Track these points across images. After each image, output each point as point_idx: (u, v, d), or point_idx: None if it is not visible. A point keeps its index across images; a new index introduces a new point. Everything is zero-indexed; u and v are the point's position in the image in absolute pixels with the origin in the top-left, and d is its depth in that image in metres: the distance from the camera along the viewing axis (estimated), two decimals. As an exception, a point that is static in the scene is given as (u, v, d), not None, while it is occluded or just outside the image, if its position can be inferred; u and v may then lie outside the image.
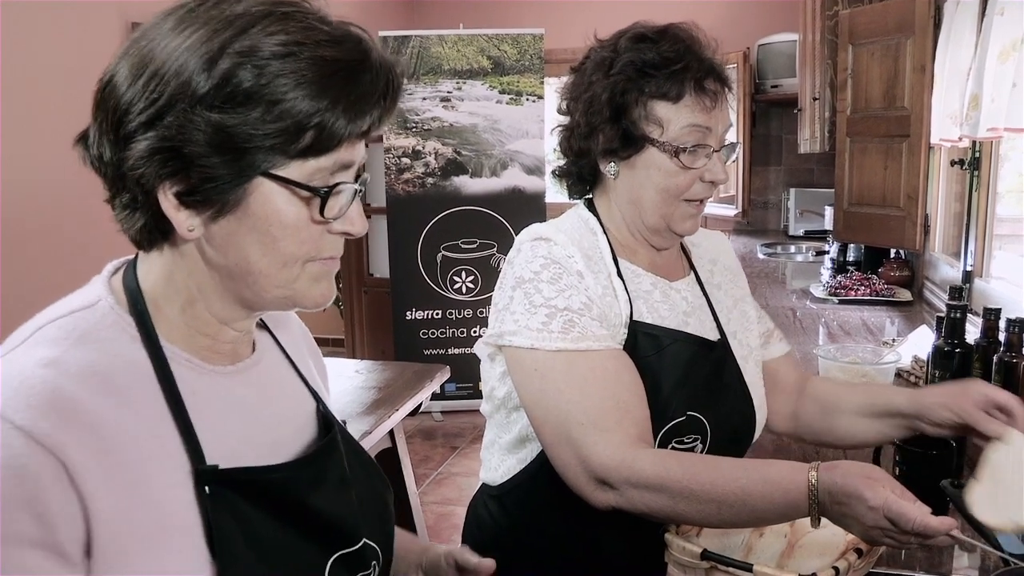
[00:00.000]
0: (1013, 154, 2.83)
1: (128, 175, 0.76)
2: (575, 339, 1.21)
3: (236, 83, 0.73)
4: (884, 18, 3.34)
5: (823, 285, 3.47)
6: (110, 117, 0.77)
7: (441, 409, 4.76)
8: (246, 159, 0.75)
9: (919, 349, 2.27)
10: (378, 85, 0.78)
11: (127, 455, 0.74)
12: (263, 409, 0.89)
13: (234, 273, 0.80)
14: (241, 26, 0.74)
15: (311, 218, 0.79)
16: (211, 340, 0.85)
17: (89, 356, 0.75)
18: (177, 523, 0.76)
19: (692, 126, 1.25)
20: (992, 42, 2.46)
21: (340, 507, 0.89)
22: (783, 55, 5.10)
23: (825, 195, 4.64)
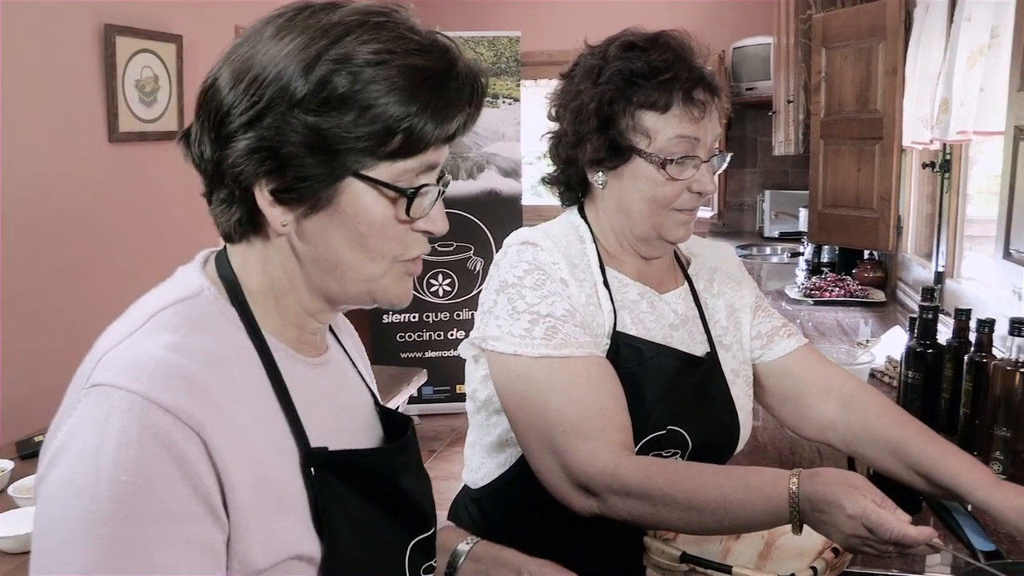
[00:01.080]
0: (982, 157, 2.87)
1: (227, 172, 0.81)
2: (558, 345, 1.20)
3: (331, 88, 0.77)
4: (856, 22, 3.38)
5: (798, 286, 3.50)
6: (212, 117, 0.81)
7: (419, 412, 4.75)
8: (338, 160, 0.79)
9: (893, 349, 2.29)
10: (464, 92, 0.83)
11: (249, 435, 0.78)
12: (342, 400, 0.95)
13: (323, 267, 0.85)
14: (336, 35, 0.79)
15: (396, 217, 0.83)
16: (299, 331, 0.90)
17: (205, 342, 0.79)
18: (291, 499, 0.81)
19: (680, 137, 1.24)
20: (960, 47, 2.49)
21: (421, 493, 0.96)
22: (758, 58, 5.14)
23: (800, 197, 4.68)
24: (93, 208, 3.37)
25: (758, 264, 4.55)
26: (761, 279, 4.04)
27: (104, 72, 3.41)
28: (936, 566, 1.30)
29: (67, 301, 3.19)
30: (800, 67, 3.99)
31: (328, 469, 0.84)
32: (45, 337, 3.03)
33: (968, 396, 1.68)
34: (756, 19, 5.32)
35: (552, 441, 1.18)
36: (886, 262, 3.61)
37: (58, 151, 3.19)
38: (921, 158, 3.17)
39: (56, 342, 3.01)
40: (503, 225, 4.70)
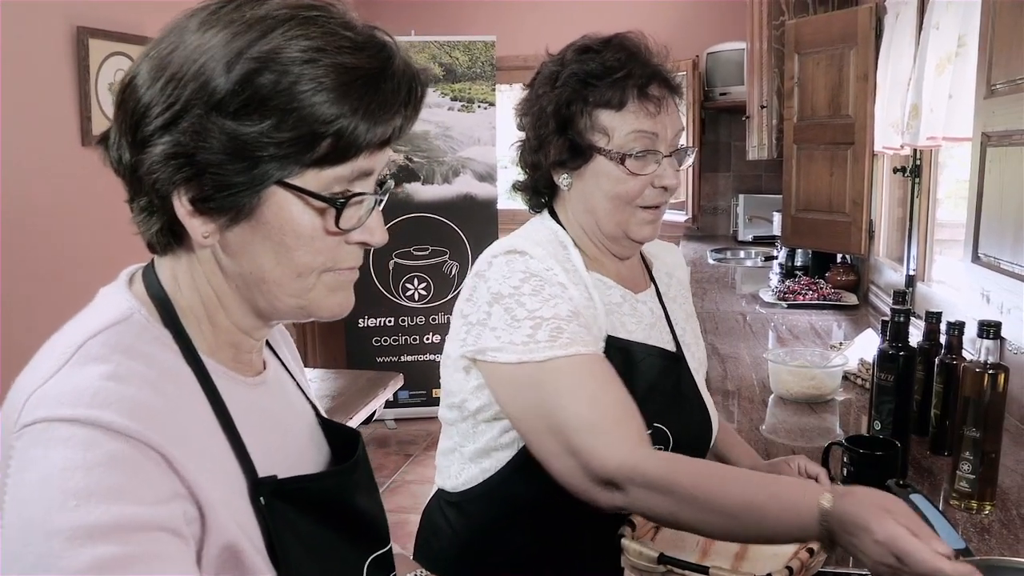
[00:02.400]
0: (952, 162, 2.91)
1: (144, 179, 0.75)
2: (564, 345, 1.19)
3: (253, 89, 0.71)
4: (828, 28, 3.41)
5: (772, 290, 3.53)
6: (129, 119, 0.75)
7: (394, 417, 4.74)
8: (261, 167, 0.73)
9: (865, 352, 2.32)
10: (399, 94, 0.77)
11: (199, 464, 0.72)
12: (284, 420, 0.90)
13: (248, 281, 0.79)
14: (262, 30, 0.73)
15: (326, 228, 0.77)
16: (235, 350, 0.84)
17: (141, 369, 0.73)
18: (241, 531, 0.76)
19: (637, 132, 1.26)
20: (929, 54, 2.53)
21: (374, 510, 0.93)
22: (731, 63, 5.18)
23: (773, 201, 4.72)
24: (65, 212, 3.34)
25: (732, 268, 4.59)
26: (735, 283, 4.07)
27: (77, 75, 3.38)
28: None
29: (35, 306, 3.15)
30: (773, 72, 4.03)
31: (278, 497, 0.79)
32: (14, 340, 2.99)
33: (939, 397, 1.70)
34: (730, 25, 5.36)
35: (568, 442, 1.16)
36: (858, 266, 3.65)
37: (30, 155, 3.16)
38: (892, 163, 3.21)
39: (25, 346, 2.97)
40: (479, 229, 4.72)
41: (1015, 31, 1.85)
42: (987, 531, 1.39)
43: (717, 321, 3.12)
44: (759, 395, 2.18)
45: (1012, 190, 1.86)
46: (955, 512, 1.45)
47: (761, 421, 1.99)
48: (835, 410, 2.07)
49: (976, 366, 1.42)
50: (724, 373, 2.39)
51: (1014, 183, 1.85)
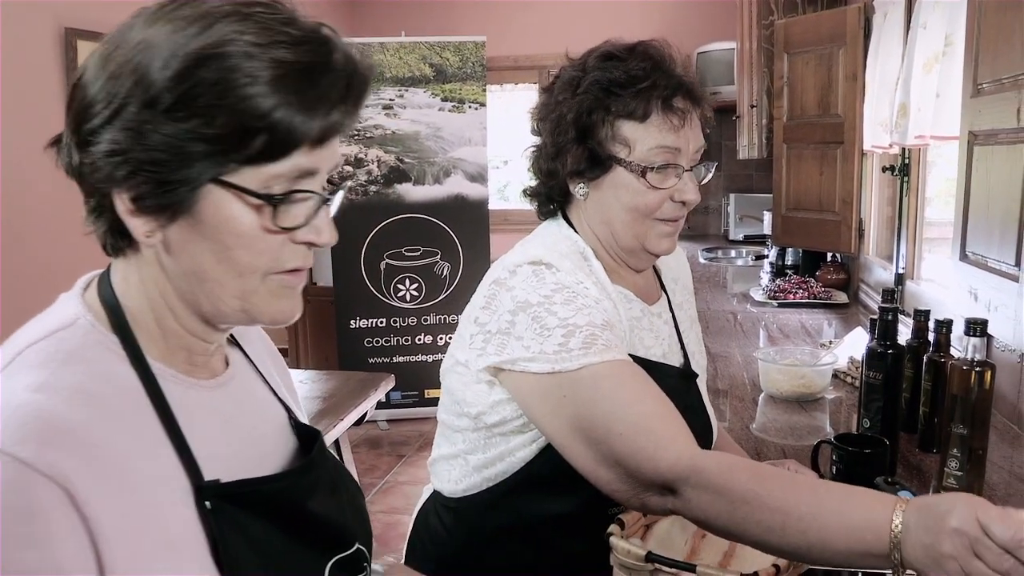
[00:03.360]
0: (940, 160, 2.92)
1: (87, 178, 0.75)
2: (600, 351, 1.14)
3: (188, 84, 0.71)
4: (817, 28, 3.43)
5: (762, 289, 3.54)
6: (75, 118, 0.76)
7: (386, 418, 4.74)
8: (196, 165, 0.72)
9: (855, 350, 2.33)
10: (336, 87, 0.75)
11: (128, 476, 0.72)
12: (245, 422, 0.89)
13: (191, 282, 0.78)
14: (202, 26, 0.73)
15: (264, 227, 0.76)
16: (187, 353, 0.83)
17: (77, 378, 0.73)
18: (183, 540, 0.75)
19: (660, 147, 1.23)
20: (917, 53, 2.54)
21: (334, 512, 0.90)
22: (721, 63, 5.19)
23: (764, 200, 4.74)
24: (53, 215, 3.32)
25: (723, 267, 4.60)
26: (726, 282, 4.08)
27: (65, 77, 3.37)
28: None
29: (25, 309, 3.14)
30: (763, 72, 4.05)
31: (228, 501, 0.78)
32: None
33: (927, 395, 1.71)
34: (720, 24, 5.38)
35: (611, 450, 1.11)
36: (848, 264, 3.67)
37: (18, 156, 3.14)
38: (881, 162, 3.23)
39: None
40: (470, 230, 4.72)
41: (1001, 30, 1.86)
42: (975, 528, 1.39)
43: (708, 320, 3.13)
44: (749, 394, 2.18)
45: (999, 189, 1.87)
46: (943, 509, 1.45)
47: (751, 420, 1.99)
48: (825, 408, 2.07)
49: (963, 363, 1.43)
50: (715, 372, 2.40)
51: (1001, 182, 1.86)
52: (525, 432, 1.27)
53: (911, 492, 1.28)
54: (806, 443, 1.76)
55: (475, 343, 1.24)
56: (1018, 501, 1.49)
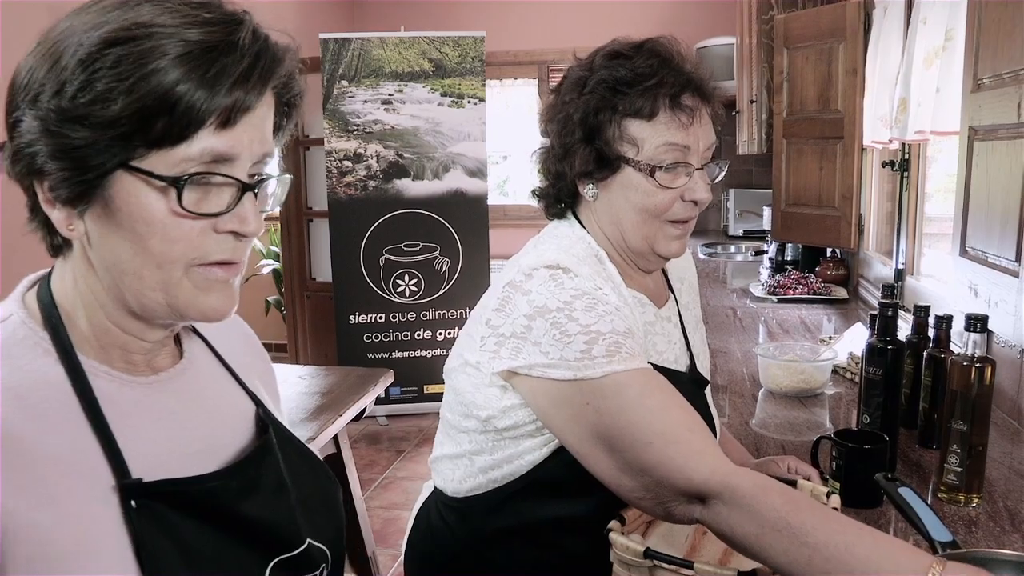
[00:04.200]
0: (940, 156, 2.92)
1: (12, 174, 0.75)
2: (624, 359, 1.13)
3: (93, 69, 0.71)
4: (817, 23, 3.42)
5: (762, 284, 3.54)
6: (6, 108, 0.76)
7: (386, 413, 4.74)
8: (103, 151, 0.72)
9: (855, 346, 2.33)
10: (240, 65, 0.74)
11: (46, 472, 0.71)
12: (192, 418, 0.86)
13: (113, 275, 0.77)
14: (121, 12, 0.73)
15: (173, 211, 0.74)
16: (122, 351, 0.82)
17: (3, 373, 0.73)
18: (103, 539, 0.73)
19: (668, 145, 1.21)
20: (917, 48, 2.54)
21: (276, 512, 0.87)
22: (721, 58, 5.18)
23: (763, 195, 4.73)
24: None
25: (723, 263, 4.60)
26: (726, 277, 4.08)
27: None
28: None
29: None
30: (763, 67, 4.04)
31: (160, 500, 0.77)
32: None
33: (927, 391, 1.71)
34: (719, 20, 5.38)
35: (638, 459, 1.09)
36: (848, 260, 3.66)
37: (16, 152, 3.14)
38: (881, 157, 3.22)
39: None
40: (469, 225, 4.71)
41: (1001, 25, 1.86)
42: (974, 523, 1.39)
43: (707, 315, 3.13)
44: (749, 389, 2.18)
45: (999, 184, 1.87)
46: (943, 505, 1.45)
47: (751, 415, 1.99)
48: (824, 404, 2.07)
49: (963, 359, 1.43)
50: (714, 367, 2.39)
51: (1001, 177, 1.86)
52: (536, 436, 1.26)
53: (911, 488, 1.28)
54: (806, 439, 1.76)
55: (487, 345, 1.22)
56: (1017, 497, 1.49)
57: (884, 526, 1.40)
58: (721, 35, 5.21)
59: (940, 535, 1.18)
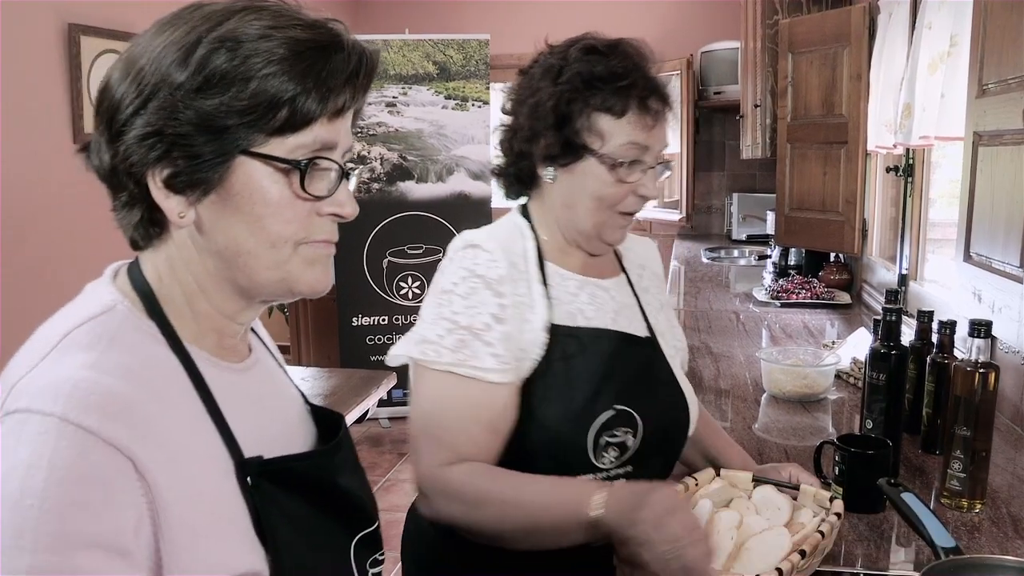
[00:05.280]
0: (944, 161, 2.92)
1: (120, 167, 0.79)
2: (460, 361, 1.24)
3: (212, 67, 0.76)
4: (822, 28, 3.42)
5: (765, 289, 3.54)
6: (104, 117, 0.80)
7: (388, 416, 4.74)
8: (226, 137, 0.77)
9: (858, 351, 2.32)
10: (349, 64, 0.81)
11: (179, 450, 0.75)
12: (270, 404, 0.93)
13: (225, 257, 0.82)
14: (218, 19, 0.78)
15: (295, 193, 0.81)
16: (218, 336, 0.87)
17: (124, 358, 0.76)
18: (231, 515, 0.79)
19: (631, 143, 1.28)
20: (922, 54, 2.54)
21: (360, 490, 0.95)
22: (726, 62, 5.19)
23: (767, 200, 4.73)
24: (57, 209, 3.33)
25: (726, 267, 4.59)
26: (729, 281, 4.08)
27: (69, 73, 3.37)
28: (899, 563, 1.32)
29: (27, 303, 3.14)
30: (767, 72, 4.04)
31: (265, 478, 0.82)
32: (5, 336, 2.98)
33: (930, 396, 1.71)
34: (724, 24, 5.37)
35: (416, 443, 1.26)
36: (852, 265, 3.66)
37: (21, 152, 3.15)
38: (885, 162, 3.22)
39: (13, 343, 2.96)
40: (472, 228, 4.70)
41: (1006, 31, 1.86)
42: (977, 529, 1.39)
43: (710, 319, 3.13)
44: (752, 394, 2.18)
45: (1003, 190, 1.87)
46: (946, 511, 1.45)
47: (754, 420, 1.99)
48: (827, 409, 2.07)
49: (967, 365, 1.43)
50: (717, 372, 2.39)
51: (1005, 183, 1.86)
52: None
53: (914, 494, 1.28)
54: (808, 444, 1.76)
55: None
56: (1021, 503, 1.49)
57: (887, 531, 1.40)
58: (726, 39, 5.20)
59: (943, 540, 1.18)
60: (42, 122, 3.28)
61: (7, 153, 3.09)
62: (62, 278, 3.28)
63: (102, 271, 0.87)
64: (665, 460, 1.40)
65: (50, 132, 3.31)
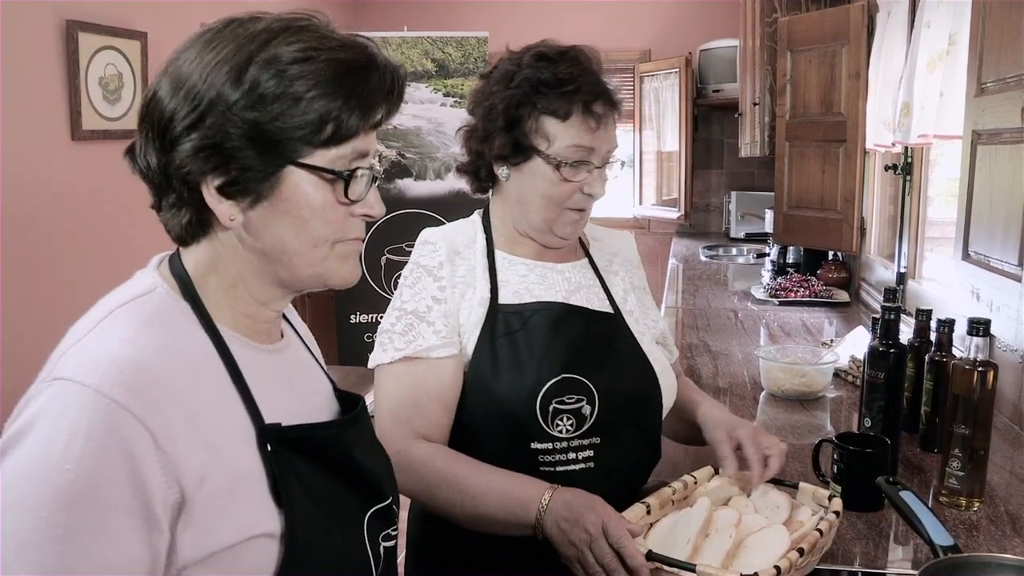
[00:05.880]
0: (943, 160, 2.92)
1: (174, 174, 0.86)
2: (408, 342, 1.36)
3: (264, 87, 0.84)
4: (821, 26, 3.42)
5: (764, 287, 3.54)
6: (156, 127, 0.87)
7: (387, 413, 4.73)
8: (277, 150, 0.86)
9: (856, 349, 2.33)
10: (386, 82, 0.90)
11: (203, 420, 0.83)
12: (298, 383, 1.00)
13: (270, 255, 0.90)
14: (264, 40, 0.86)
15: (336, 200, 0.90)
16: (251, 320, 0.95)
17: (160, 335, 0.85)
18: (249, 477, 0.85)
19: (576, 145, 1.36)
20: (921, 52, 2.54)
21: (375, 464, 1.01)
22: (724, 60, 5.18)
23: (766, 198, 4.73)
24: (55, 206, 3.32)
25: (724, 265, 4.59)
26: (727, 279, 4.08)
27: (67, 69, 3.37)
28: (897, 561, 1.32)
29: (26, 300, 3.14)
30: (766, 70, 4.04)
31: (283, 444, 0.89)
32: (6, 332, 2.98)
33: (929, 395, 1.71)
34: (723, 22, 5.37)
35: (379, 423, 1.35)
36: (850, 263, 3.66)
37: (19, 149, 3.14)
38: (884, 160, 3.22)
39: (13, 340, 2.96)
40: (471, 225, 4.70)
41: (1005, 30, 1.86)
42: (975, 528, 1.39)
43: (709, 318, 3.13)
44: (750, 392, 2.18)
45: (1002, 188, 1.87)
46: (944, 509, 1.45)
47: (752, 418, 1.99)
48: (826, 407, 2.07)
49: (966, 363, 1.43)
50: (715, 370, 2.40)
51: (1004, 181, 1.86)
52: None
53: (912, 492, 1.28)
54: (807, 442, 1.76)
55: None
56: (1019, 501, 1.49)
57: (885, 529, 1.40)
58: (724, 37, 5.20)
59: (941, 539, 1.18)
60: (40, 118, 3.27)
61: (5, 150, 3.08)
62: (60, 275, 3.28)
63: (99, 265, 0.93)
64: (641, 433, 1.42)
65: (48, 128, 3.30)
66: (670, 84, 5.45)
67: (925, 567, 1.07)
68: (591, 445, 1.35)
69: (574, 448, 1.35)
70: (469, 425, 1.37)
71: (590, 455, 1.35)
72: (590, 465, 1.35)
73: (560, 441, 1.33)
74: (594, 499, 1.21)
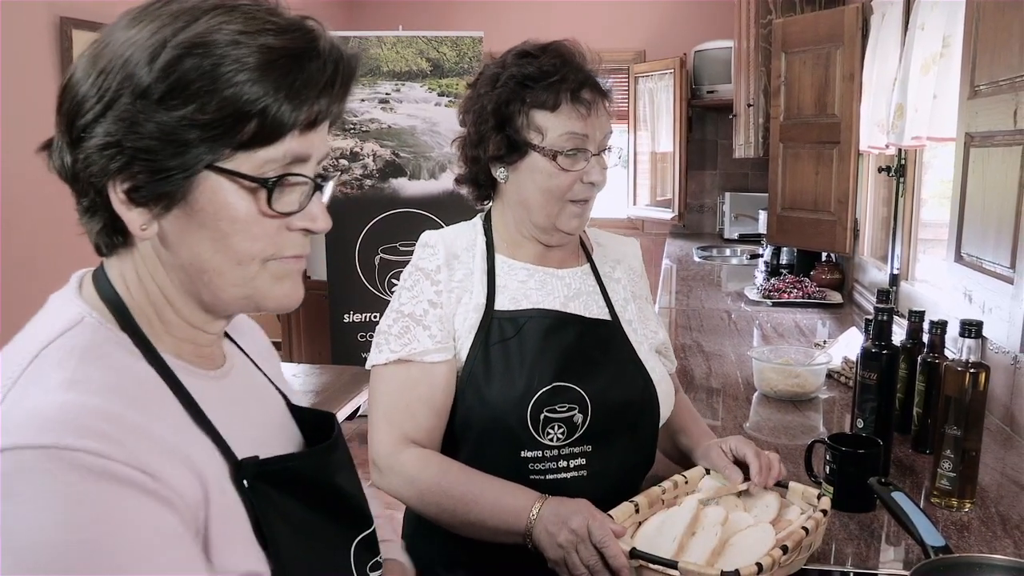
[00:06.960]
0: (936, 162, 2.92)
1: (81, 175, 0.75)
2: (404, 344, 1.36)
3: (178, 75, 0.71)
4: (815, 27, 3.43)
5: (757, 288, 3.54)
6: (67, 116, 0.75)
7: (380, 412, 4.72)
8: (190, 151, 0.73)
9: (849, 350, 2.33)
10: (325, 73, 0.76)
11: (178, 461, 0.72)
12: (250, 408, 0.90)
13: (189, 273, 0.78)
14: (187, 20, 0.73)
15: (261, 211, 0.76)
16: (192, 345, 0.83)
17: (100, 373, 0.72)
18: (229, 516, 0.76)
19: (569, 133, 1.36)
20: (915, 54, 2.54)
21: (357, 490, 0.94)
22: (719, 61, 5.19)
23: (759, 199, 4.74)
24: (48, 205, 3.31)
25: (718, 266, 4.60)
26: (721, 280, 4.08)
27: (60, 67, 3.35)
28: (889, 561, 1.33)
29: (20, 299, 3.13)
30: (760, 71, 4.04)
31: (261, 479, 0.79)
32: None
33: (921, 396, 1.71)
34: (718, 23, 5.38)
35: (370, 425, 1.38)
36: (843, 264, 3.67)
37: (13, 147, 3.13)
38: (877, 162, 3.23)
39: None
40: (466, 225, 4.70)
41: (998, 33, 1.86)
42: (966, 528, 1.40)
43: (702, 318, 3.13)
44: (743, 392, 2.19)
45: (994, 191, 1.87)
46: (936, 509, 1.46)
47: (745, 419, 1.99)
48: (819, 408, 2.08)
49: (958, 365, 1.43)
50: (708, 370, 2.40)
51: (997, 184, 1.86)
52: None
53: (904, 493, 1.28)
54: (800, 443, 1.76)
55: None
56: (1010, 502, 1.50)
57: (877, 530, 1.41)
58: (719, 39, 5.21)
59: (932, 539, 1.18)
60: (34, 116, 3.25)
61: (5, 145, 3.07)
62: (55, 273, 3.25)
63: (95, 266, 0.85)
64: (633, 442, 1.42)
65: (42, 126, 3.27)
66: (665, 85, 5.45)
67: (916, 568, 1.07)
68: (583, 453, 1.35)
69: (565, 456, 1.35)
70: (461, 430, 1.37)
71: (582, 463, 1.35)
72: (582, 473, 1.35)
73: (551, 449, 1.34)
74: (581, 502, 1.22)
